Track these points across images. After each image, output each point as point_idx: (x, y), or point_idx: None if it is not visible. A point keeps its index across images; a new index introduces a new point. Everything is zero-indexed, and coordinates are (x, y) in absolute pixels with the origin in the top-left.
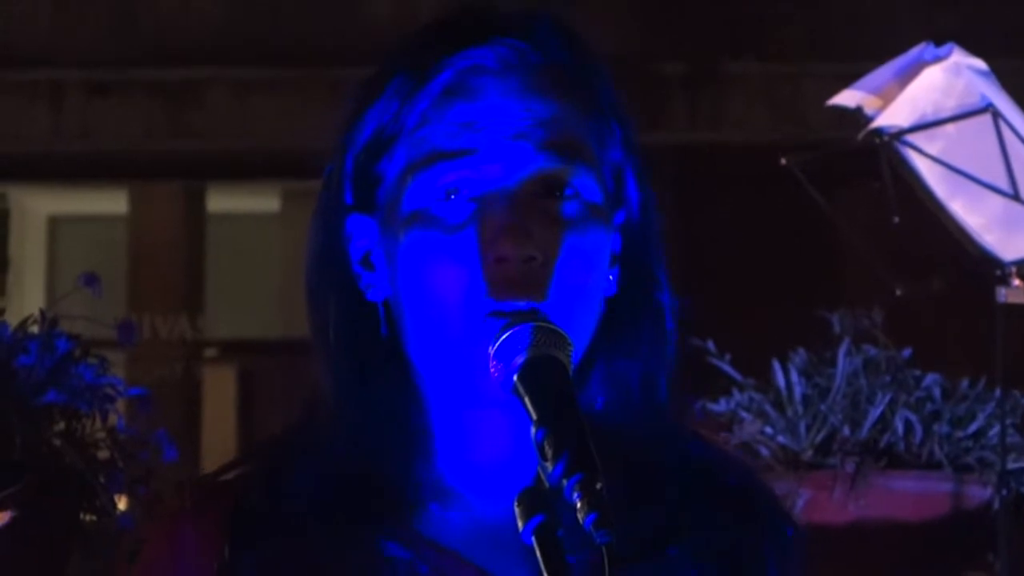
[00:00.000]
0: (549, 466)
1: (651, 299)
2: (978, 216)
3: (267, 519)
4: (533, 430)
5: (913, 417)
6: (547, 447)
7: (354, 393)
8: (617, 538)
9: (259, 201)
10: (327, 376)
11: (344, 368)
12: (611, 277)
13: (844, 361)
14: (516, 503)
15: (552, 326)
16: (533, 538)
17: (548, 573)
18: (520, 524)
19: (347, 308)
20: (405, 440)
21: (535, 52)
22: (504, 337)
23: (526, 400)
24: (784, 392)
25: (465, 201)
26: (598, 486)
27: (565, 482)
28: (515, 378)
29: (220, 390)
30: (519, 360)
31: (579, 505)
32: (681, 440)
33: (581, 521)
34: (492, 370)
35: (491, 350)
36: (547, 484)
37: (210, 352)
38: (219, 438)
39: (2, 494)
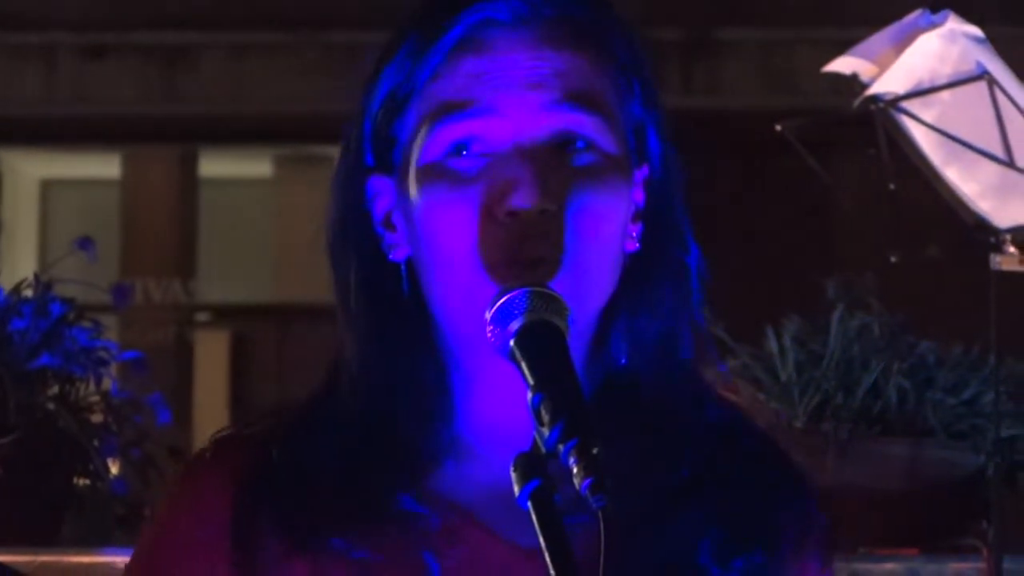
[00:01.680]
0: (545, 431)
1: (673, 256)
2: (973, 183)
3: (284, 473)
4: (529, 395)
5: (906, 384)
6: (543, 412)
7: (375, 352)
8: (623, 498)
9: (252, 166)
10: (348, 337)
11: (365, 329)
12: (633, 233)
13: (838, 327)
14: (512, 468)
15: (549, 291)
16: (529, 503)
17: (544, 538)
18: (516, 489)
19: (370, 269)
20: (424, 399)
21: (548, 5)
22: (501, 302)
23: (522, 365)
24: (777, 358)
25: (477, 155)
26: (594, 451)
27: (561, 447)
28: (511, 343)
29: (212, 354)
30: (515, 325)
31: (575, 470)
32: (701, 401)
33: (577, 486)
34: (488, 335)
35: (487, 315)
36: (543, 449)
37: (202, 316)
38: (211, 402)
39: None
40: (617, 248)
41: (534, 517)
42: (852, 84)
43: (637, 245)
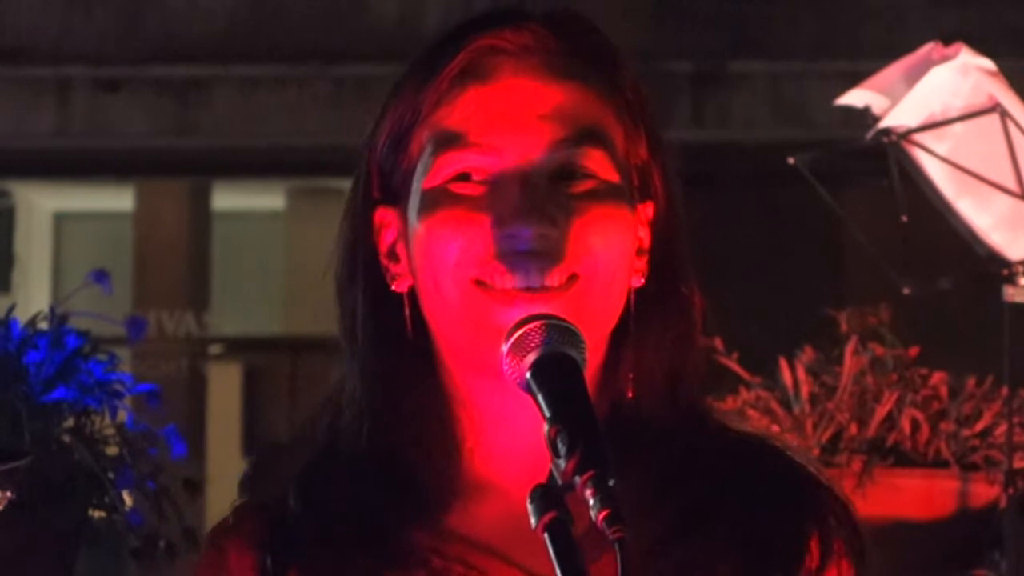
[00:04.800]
0: (562, 463)
1: (678, 293)
2: (986, 216)
3: (301, 524)
4: (546, 427)
5: (920, 415)
6: (559, 444)
7: (379, 386)
8: (637, 531)
9: (265, 199)
10: (354, 372)
11: (370, 362)
12: (639, 269)
13: (851, 360)
14: (529, 500)
15: (565, 323)
16: (545, 535)
17: (561, 570)
18: (533, 521)
19: (374, 302)
20: (431, 433)
21: (554, 38)
22: (517, 334)
23: (539, 397)
24: (791, 390)
25: (479, 182)
26: (610, 483)
27: (577, 479)
28: (527, 375)
29: (225, 387)
30: (532, 357)
31: (591, 502)
32: (709, 430)
33: (593, 518)
34: (506, 367)
35: (504, 348)
36: (559, 481)
37: (215, 349)
38: (224, 434)
39: (6, 467)
40: (621, 273)
41: (551, 549)
42: (864, 117)
43: (643, 281)
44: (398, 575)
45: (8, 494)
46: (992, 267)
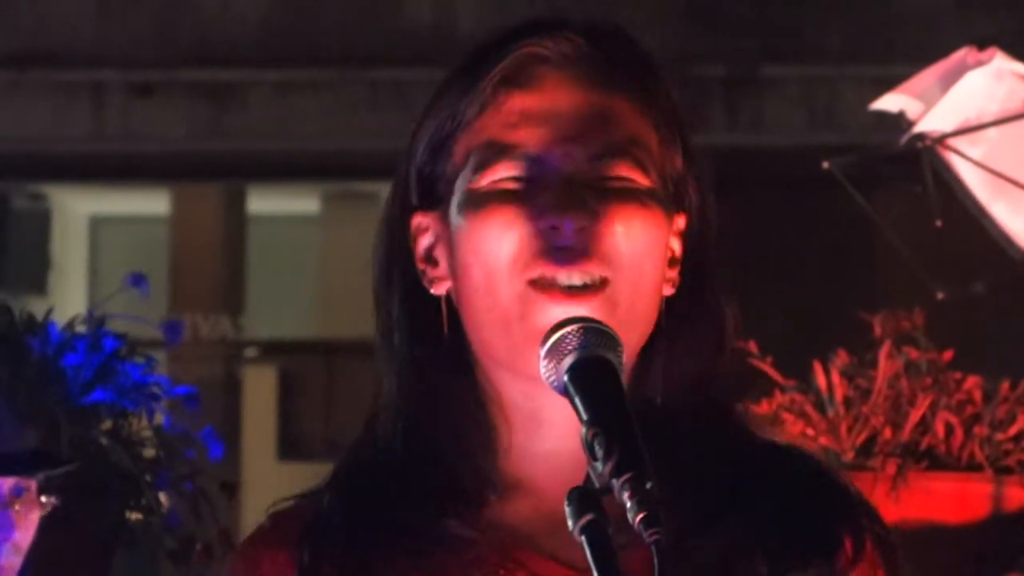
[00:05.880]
0: (599, 466)
1: (710, 304)
2: (1020, 220)
3: (335, 521)
4: (583, 430)
5: (954, 419)
6: (597, 447)
7: (416, 388)
8: (669, 530)
9: (299, 202)
10: (390, 373)
11: (407, 364)
12: (671, 279)
13: (885, 363)
14: (567, 502)
15: (602, 326)
16: (583, 537)
17: (598, 572)
18: (570, 523)
19: (412, 305)
20: (466, 434)
21: (594, 48)
22: (555, 337)
23: (576, 400)
24: (825, 394)
25: (520, 183)
26: (648, 485)
27: (615, 482)
28: (565, 378)
29: (260, 390)
30: (569, 360)
31: (629, 505)
32: (740, 434)
33: (631, 521)
34: (543, 370)
35: (542, 351)
36: (597, 483)
37: (250, 352)
38: (259, 437)
39: (49, 474)
40: (654, 282)
41: (588, 551)
42: (898, 121)
43: (672, 291)
44: (433, 567)
45: (53, 499)
46: None
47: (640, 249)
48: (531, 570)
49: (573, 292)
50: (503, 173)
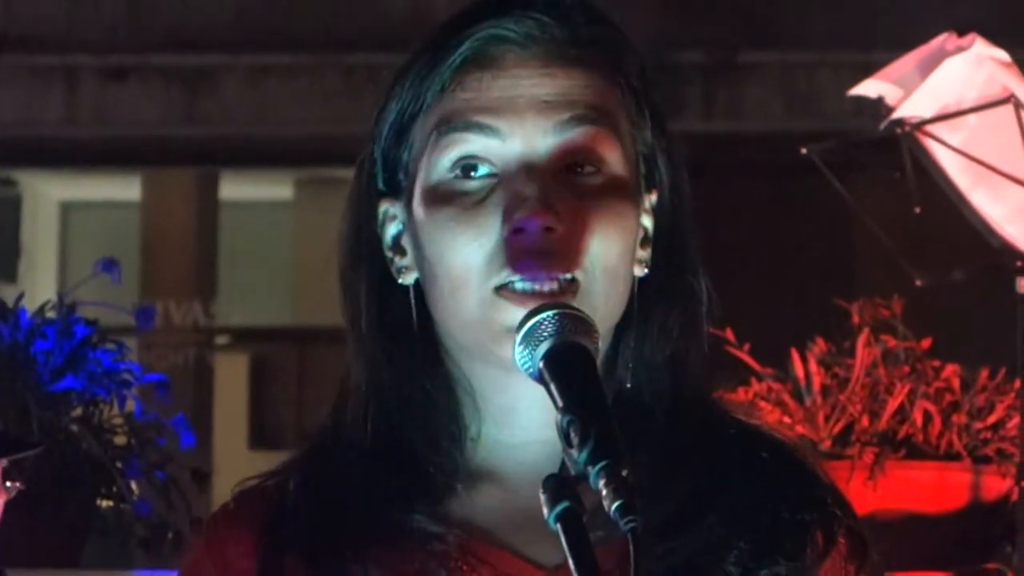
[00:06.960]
0: (575, 453)
1: (683, 281)
2: (999, 207)
3: (301, 507)
4: (558, 417)
5: (932, 408)
6: (572, 434)
7: (384, 376)
8: (644, 521)
9: (272, 189)
10: (358, 361)
11: (375, 353)
12: (642, 258)
13: (863, 351)
14: (542, 489)
15: (578, 312)
16: (558, 525)
17: (573, 560)
18: (545, 511)
19: (379, 294)
20: (435, 423)
21: (560, 26)
22: (530, 323)
23: (552, 387)
24: (803, 382)
25: (484, 175)
26: (623, 473)
27: (590, 469)
28: (540, 364)
29: (232, 377)
30: (544, 347)
31: (604, 492)
32: (712, 419)
33: (607, 508)
34: (518, 357)
35: (516, 337)
36: (572, 471)
37: (222, 339)
38: (231, 425)
39: (14, 458)
40: (625, 270)
41: (563, 539)
42: (877, 107)
43: (646, 270)
44: (396, 558)
45: (18, 484)
46: (1005, 259)
47: (608, 244)
48: (493, 566)
49: (542, 297)
50: (461, 149)
